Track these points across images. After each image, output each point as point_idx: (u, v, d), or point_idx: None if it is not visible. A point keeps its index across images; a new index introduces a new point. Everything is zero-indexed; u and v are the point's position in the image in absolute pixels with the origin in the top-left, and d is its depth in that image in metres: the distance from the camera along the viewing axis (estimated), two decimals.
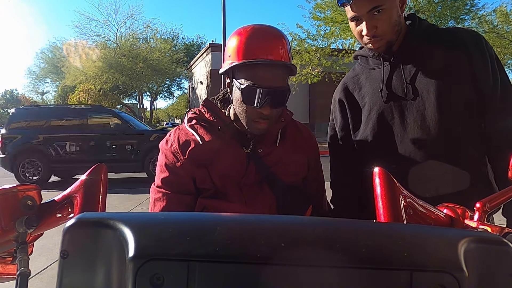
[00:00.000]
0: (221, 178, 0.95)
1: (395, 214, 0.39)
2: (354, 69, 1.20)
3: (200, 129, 0.99)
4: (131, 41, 20.47)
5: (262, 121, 0.93)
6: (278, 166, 0.98)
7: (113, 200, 5.44)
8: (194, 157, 0.95)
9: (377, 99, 1.07)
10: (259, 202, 0.95)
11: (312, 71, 13.14)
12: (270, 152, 0.99)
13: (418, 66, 1.01)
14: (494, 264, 0.32)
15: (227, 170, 0.95)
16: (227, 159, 0.95)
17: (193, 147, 0.96)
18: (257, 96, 0.88)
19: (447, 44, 0.99)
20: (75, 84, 21.70)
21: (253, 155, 0.97)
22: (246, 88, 0.88)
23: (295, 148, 1.03)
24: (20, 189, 0.52)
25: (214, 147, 0.95)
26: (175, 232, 0.32)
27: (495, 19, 12.15)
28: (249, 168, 0.96)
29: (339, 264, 0.31)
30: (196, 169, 0.95)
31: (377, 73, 1.08)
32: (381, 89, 1.05)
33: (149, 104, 28.94)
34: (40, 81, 37.07)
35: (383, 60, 1.05)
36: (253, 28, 0.91)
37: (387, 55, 1.04)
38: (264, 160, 0.98)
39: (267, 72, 0.88)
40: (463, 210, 0.47)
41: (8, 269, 0.56)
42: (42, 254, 3.17)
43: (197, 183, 0.96)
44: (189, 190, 0.96)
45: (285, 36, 0.94)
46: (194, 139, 0.97)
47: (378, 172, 0.41)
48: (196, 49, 29.25)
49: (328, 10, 11.04)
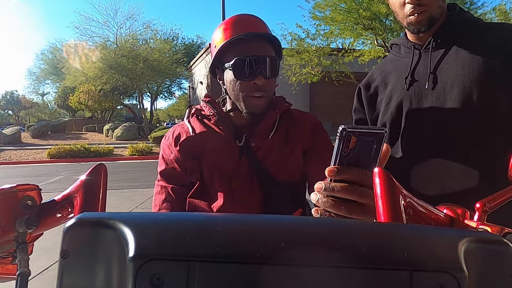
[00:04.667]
0: (210, 170, 0.96)
1: (395, 214, 0.39)
2: (385, 59, 1.19)
3: (195, 122, 1.03)
4: (131, 42, 20.46)
5: (258, 94, 0.93)
6: (269, 160, 0.97)
7: (113, 200, 5.45)
8: (185, 149, 0.98)
9: (400, 87, 1.05)
10: (247, 198, 0.95)
11: (311, 70, 13.15)
12: (263, 145, 0.98)
13: (448, 57, 0.96)
14: (494, 264, 0.32)
15: (217, 162, 0.96)
16: (218, 151, 0.97)
17: (184, 138, 0.99)
18: (248, 67, 0.90)
19: (485, 39, 0.94)
20: (75, 85, 21.69)
21: (245, 149, 0.97)
22: (235, 62, 0.91)
23: (286, 142, 1.00)
24: (20, 189, 0.52)
25: (205, 139, 0.98)
26: (175, 232, 0.32)
27: (494, 18, 12.14)
28: (241, 162, 0.96)
29: (339, 264, 0.31)
30: (187, 161, 0.97)
31: (406, 62, 1.05)
32: (406, 76, 1.02)
33: (149, 105, 29.00)
34: (40, 82, 37.19)
35: (415, 48, 1.03)
36: (234, 16, 0.98)
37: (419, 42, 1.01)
38: (256, 154, 0.97)
39: (253, 43, 0.93)
40: (463, 210, 0.47)
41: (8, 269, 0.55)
42: (43, 254, 3.18)
43: (188, 175, 0.98)
44: (185, 183, 0.98)
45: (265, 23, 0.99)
46: (186, 131, 1.01)
47: (378, 172, 0.41)
48: (196, 49, 29.25)
49: (327, 9, 11.04)
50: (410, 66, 1.02)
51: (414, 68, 1.02)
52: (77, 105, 24.07)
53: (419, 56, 1.02)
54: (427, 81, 0.98)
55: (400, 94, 1.04)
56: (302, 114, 1.09)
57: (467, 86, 0.91)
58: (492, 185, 0.92)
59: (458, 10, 1.01)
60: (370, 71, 1.22)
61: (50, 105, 48.66)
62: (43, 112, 48.56)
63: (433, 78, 0.97)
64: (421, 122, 1.00)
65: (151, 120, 26.63)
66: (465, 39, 0.96)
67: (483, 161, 0.93)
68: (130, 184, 6.95)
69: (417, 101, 1.00)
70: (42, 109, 48.79)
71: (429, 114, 0.98)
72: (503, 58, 0.89)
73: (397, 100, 1.04)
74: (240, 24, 0.95)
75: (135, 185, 6.80)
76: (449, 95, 0.94)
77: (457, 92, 0.93)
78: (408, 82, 1.02)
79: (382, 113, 1.09)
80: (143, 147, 12.94)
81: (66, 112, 37.46)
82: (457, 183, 0.94)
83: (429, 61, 0.98)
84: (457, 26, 0.98)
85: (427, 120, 0.98)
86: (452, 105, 0.93)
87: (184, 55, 22.72)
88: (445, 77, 0.96)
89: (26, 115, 49.89)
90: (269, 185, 0.96)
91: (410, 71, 1.02)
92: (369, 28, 10.71)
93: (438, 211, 0.46)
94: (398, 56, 1.10)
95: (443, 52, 0.98)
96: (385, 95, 1.09)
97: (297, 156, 1.00)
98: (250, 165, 0.96)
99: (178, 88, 32.09)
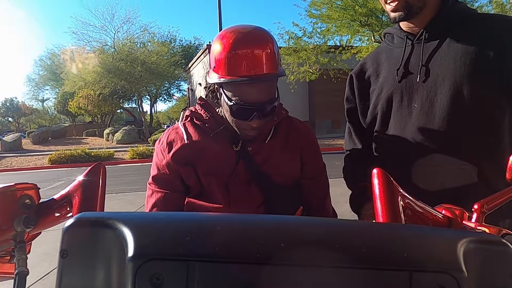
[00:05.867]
0: (206, 176, 0.95)
1: (393, 214, 0.39)
2: (378, 48, 1.16)
3: (190, 127, 1.00)
4: (129, 45, 20.43)
5: (252, 133, 0.94)
6: (267, 164, 0.97)
7: (115, 204, 5.45)
8: (178, 156, 0.96)
9: (391, 78, 1.03)
10: (245, 202, 0.95)
11: (309, 68, 13.12)
12: (260, 149, 0.98)
13: (441, 50, 0.95)
14: (493, 264, 0.32)
15: (213, 168, 0.95)
16: (214, 157, 0.96)
17: (178, 146, 0.97)
18: (245, 113, 0.89)
19: (479, 31, 0.92)
20: (75, 90, 21.68)
21: (242, 154, 0.97)
22: (234, 105, 0.89)
23: (285, 146, 1.01)
24: (18, 188, 0.52)
25: (201, 145, 0.96)
26: (175, 232, 0.32)
27: (491, 10, 12.10)
28: (238, 166, 0.96)
29: (339, 264, 0.31)
30: (181, 167, 0.96)
31: (399, 52, 1.03)
32: (398, 68, 1.00)
33: (149, 108, 28.96)
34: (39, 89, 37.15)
35: (407, 39, 1.01)
36: (236, 38, 0.86)
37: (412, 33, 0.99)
38: (254, 159, 0.97)
39: (254, 88, 0.88)
40: (461, 211, 0.46)
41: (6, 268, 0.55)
42: (45, 259, 3.18)
43: (184, 180, 0.97)
44: (176, 188, 0.98)
45: (270, 37, 0.90)
46: (181, 138, 0.98)
47: (376, 173, 0.41)
48: (194, 51, 29.19)
49: (323, 7, 11.01)
50: (402, 57, 1.00)
51: (407, 60, 1.00)
52: (77, 110, 24.05)
53: (411, 47, 1.00)
54: (419, 73, 0.96)
55: (391, 86, 1.02)
56: (302, 124, 1.10)
57: (458, 81, 0.90)
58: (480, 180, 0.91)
59: (452, 0, 0.99)
60: (363, 59, 1.19)
61: (50, 111, 48.63)
62: (43, 118, 48.53)
63: (425, 71, 0.96)
64: (410, 117, 0.98)
65: (151, 123, 26.60)
66: (459, 31, 0.94)
67: (472, 157, 0.92)
68: (131, 188, 6.95)
69: (408, 93, 0.99)
70: (42, 115, 48.76)
71: (418, 109, 0.96)
72: (496, 50, 0.88)
73: (388, 92, 1.03)
74: (243, 59, 0.85)
75: (136, 188, 6.79)
76: (440, 89, 0.93)
77: (448, 86, 0.91)
78: (400, 74, 1.00)
79: (373, 104, 1.07)
80: (143, 150, 12.92)
81: (66, 117, 37.44)
82: (445, 178, 0.94)
83: (421, 53, 0.97)
84: (451, 17, 0.96)
85: (416, 113, 0.97)
86: (442, 99, 0.92)
87: (182, 57, 22.65)
88: (436, 70, 0.94)
89: (26, 121, 49.88)
90: (268, 188, 0.96)
91: (402, 62, 1.00)
92: (366, 25, 10.68)
93: (436, 212, 0.46)
94: (391, 46, 1.08)
95: (436, 44, 0.96)
96: (377, 86, 1.07)
97: (296, 160, 1.02)
98: (247, 169, 0.96)
99: (177, 90, 32.10)
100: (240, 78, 0.85)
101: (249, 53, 0.85)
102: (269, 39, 0.89)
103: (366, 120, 1.12)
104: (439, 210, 0.47)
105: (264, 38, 0.89)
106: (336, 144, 12.97)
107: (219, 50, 0.88)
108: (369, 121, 1.10)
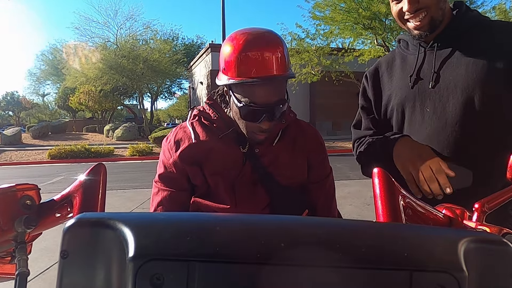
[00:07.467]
0: (213, 176, 0.95)
1: (394, 214, 0.39)
2: (393, 51, 1.18)
3: (198, 127, 1.00)
4: (131, 42, 20.42)
5: (261, 135, 0.93)
6: (274, 166, 0.98)
7: (115, 201, 5.45)
8: (186, 155, 0.96)
9: (404, 84, 1.05)
10: (250, 203, 0.95)
11: (311, 70, 13.14)
12: (267, 152, 0.98)
13: (453, 57, 0.97)
14: (494, 264, 0.32)
15: (220, 168, 0.95)
16: (221, 158, 0.96)
17: (186, 145, 0.97)
18: (255, 115, 0.88)
19: (491, 38, 0.93)
20: (76, 85, 21.68)
21: (249, 155, 0.97)
22: (244, 107, 0.88)
23: (293, 149, 1.02)
24: (19, 189, 0.52)
25: (208, 146, 0.96)
26: (175, 232, 0.32)
27: (494, 17, 12.12)
28: (245, 167, 0.96)
29: (339, 264, 0.31)
30: (187, 167, 0.96)
31: (412, 59, 1.06)
32: (411, 75, 1.03)
33: (150, 105, 29.00)
34: (41, 83, 37.22)
35: (420, 46, 1.03)
36: (246, 39, 0.86)
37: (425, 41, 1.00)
38: (261, 160, 0.97)
39: (264, 89, 0.87)
40: (462, 210, 0.47)
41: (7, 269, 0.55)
42: (44, 255, 3.19)
43: (191, 180, 0.97)
44: (182, 187, 0.98)
45: (280, 41, 0.90)
46: (189, 137, 0.98)
47: (377, 172, 0.41)
48: (196, 50, 29.22)
49: (327, 9, 11.03)
50: (415, 64, 1.03)
51: (420, 66, 1.03)
52: (78, 105, 24.08)
53: (424, 54, 1.03)
54: (431, 80, 0.98)
55: (404, 91, 1.05)
56: (310, 127, 1.10)
57: (470, 87, 0.92)
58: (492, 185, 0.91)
59: (465, 8, 1.00)
60: (378, 60, 1.22)
61: (50, 106, 48.72)
62: (44, 113, 48.58)
63: (436, 78, 0.98)
64: (423, 121, 1.00)
65: (151, 121, 26.61)
66: (471, 38, 0.96)
67: (483, 162, 0.93)
68: (131, 184, 6.96)
69: (420, 99, 1.01)
70: (42, 110, 48.82)
71: (430, 114, 0.98)
72: (507, 56, 0.89)
73: (401, 97, 1.05)
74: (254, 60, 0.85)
75: (136, 185, 6.80)
76: (452, 95, 0.95)
77: (460, 92, 0.93)
78: (413, 80, 1.03)
79: (386, 108, 1.10)
80: (143, 147, 12.93)
81: (66, 112, 37.51)
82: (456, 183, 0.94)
83: (433, 60, 0.99)
84: (463, 25, 0.97)
85: (429, 117, 0.99)
86: (454, 106, 0.94)
87: (184, 55, 22.66)
88: (448, 77, 0.96)
89: (26, 116, 49.95)
90: (274, 190, 0.97)
91: (415, 69, 1.03)
92: (369, 28, 10.71)
93: (436, 211, 0.46)
94: (405, 52, 1.11)
95: (449, 52, 0.98)
96: (391, 91, 1.10)
97: (304, 163, 1.03)
98: (254, 170, 0.96)
99: (178, 89, 32.10)
100: (250, 79, 0.85)
101: (259, 55, 0.85)
102: (279, 42, 0.89)
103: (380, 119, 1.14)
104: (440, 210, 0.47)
105: (275, 41, 0.89)
106: (337, 146, 12.97)
107: (230, 52, 0.87)
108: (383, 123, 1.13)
